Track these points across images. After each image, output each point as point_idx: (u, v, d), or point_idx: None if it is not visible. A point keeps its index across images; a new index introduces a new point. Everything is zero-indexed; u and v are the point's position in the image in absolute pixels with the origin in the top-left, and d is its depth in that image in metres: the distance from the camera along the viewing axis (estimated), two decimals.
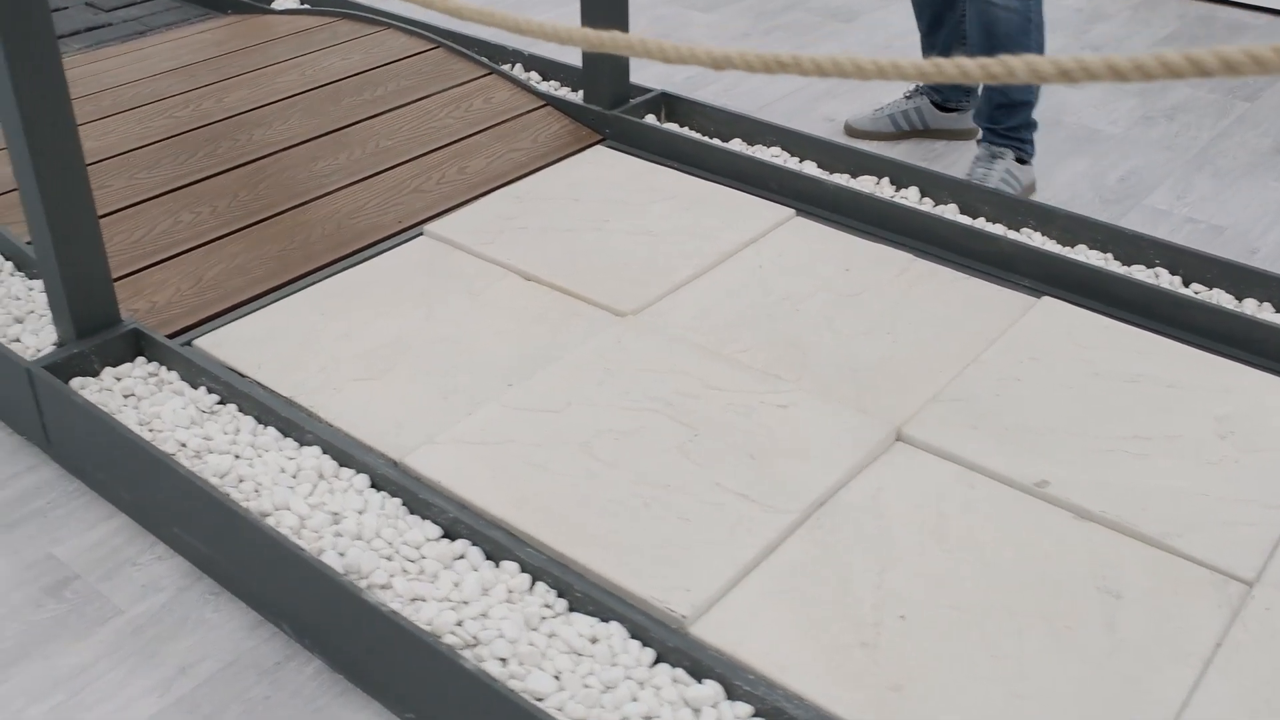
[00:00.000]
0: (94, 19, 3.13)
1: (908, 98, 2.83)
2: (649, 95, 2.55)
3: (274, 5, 3.16)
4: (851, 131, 2.82)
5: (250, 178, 2.23)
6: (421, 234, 2.16)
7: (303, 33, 2.82)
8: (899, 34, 3.39)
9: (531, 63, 2.76)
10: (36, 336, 1.85)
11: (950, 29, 2.70)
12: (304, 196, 2.20)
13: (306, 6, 3.16)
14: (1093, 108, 2.97)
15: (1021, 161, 2.53)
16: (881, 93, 3.04)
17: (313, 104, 2.47)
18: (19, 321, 1.88)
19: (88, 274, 1.76)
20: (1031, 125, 2.54)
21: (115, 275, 1.90)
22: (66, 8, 3.20)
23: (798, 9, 3.59)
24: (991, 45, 2.40)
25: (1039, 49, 2.43)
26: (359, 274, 2.04)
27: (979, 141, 2.58)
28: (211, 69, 2.63)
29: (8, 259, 2.03)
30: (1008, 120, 2.51)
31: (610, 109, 2.50)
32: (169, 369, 1.81)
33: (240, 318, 1.93)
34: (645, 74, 2.80)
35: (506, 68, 2.75)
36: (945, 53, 2.71)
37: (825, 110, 2.96)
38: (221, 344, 1.88)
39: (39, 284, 1.96)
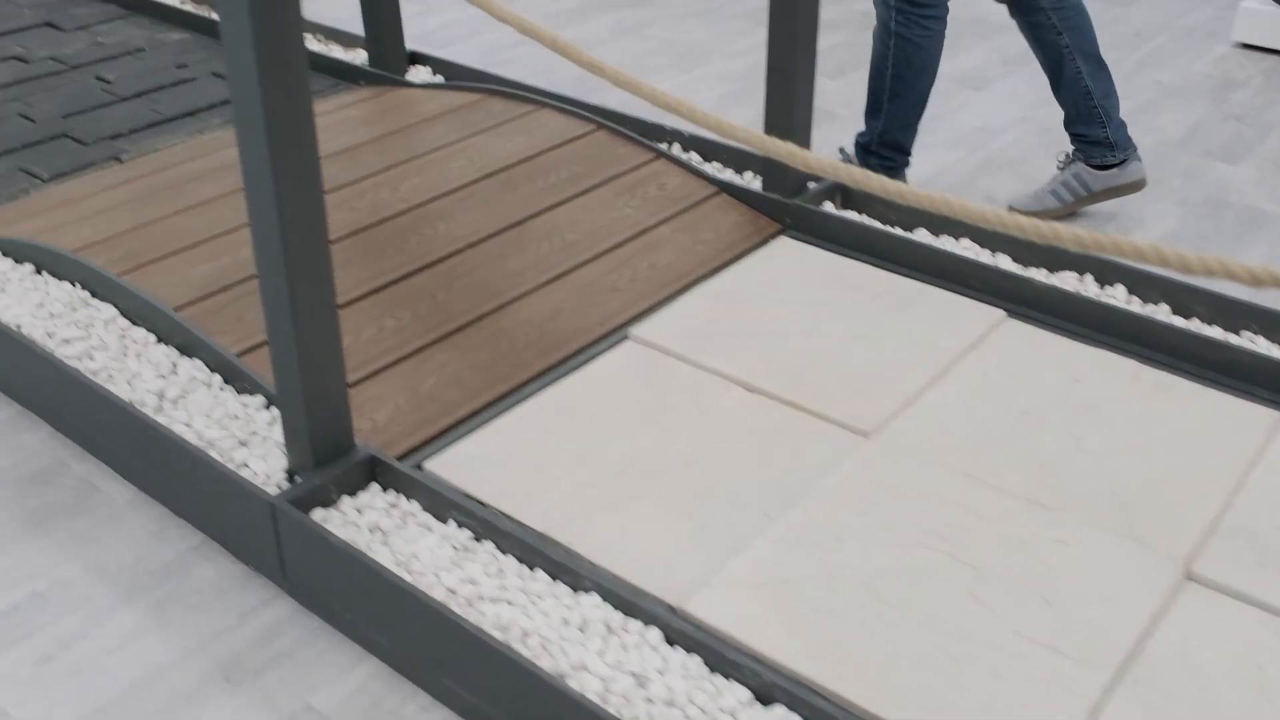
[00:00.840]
0: (227, 91, 3.05)
1: (1062, 167, 2.78)
2: (825, 182, 2.49)
3: (407, 76, 3.09)
4: (1020, 214, 2.75)
5: (444, 277, 2.16)
6: (626, 338, 2.09)
7: (457, 112, 2.75)
8: (1033, 104, 3.34)
9: (691, 143, 2.70)
10: (265, 462, 1.76)
11: (1068, 85, 2.68)
12: (501, 297, 2.13)
13: (440, 80, 3.09)
14: (1252, 185, 2.91)
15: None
16: (1036, 169, 2.98)
17: (489, 194, 2.40)
18: (243, 445, 1.80)
19: (328, 395, 1.68)
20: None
21: None
22: (195, 79, 3.13)
23: None
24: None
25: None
26: (574, 385, 1.97)
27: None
28: (375, 153, 2.55)
29: (214, 370, 1.95)
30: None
31: (790, 197, 2.43)
32: (409, 498, 1.73)
33: (464, 436, 1.85)
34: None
35: (664, 146, 2.68)
36: (1072, 110, 2.70)
37: (983, 186, 2.90)
38: (453, 467, 1.80)
39: (253, 400, 1.88)
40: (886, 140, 2.72)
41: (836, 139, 3.09)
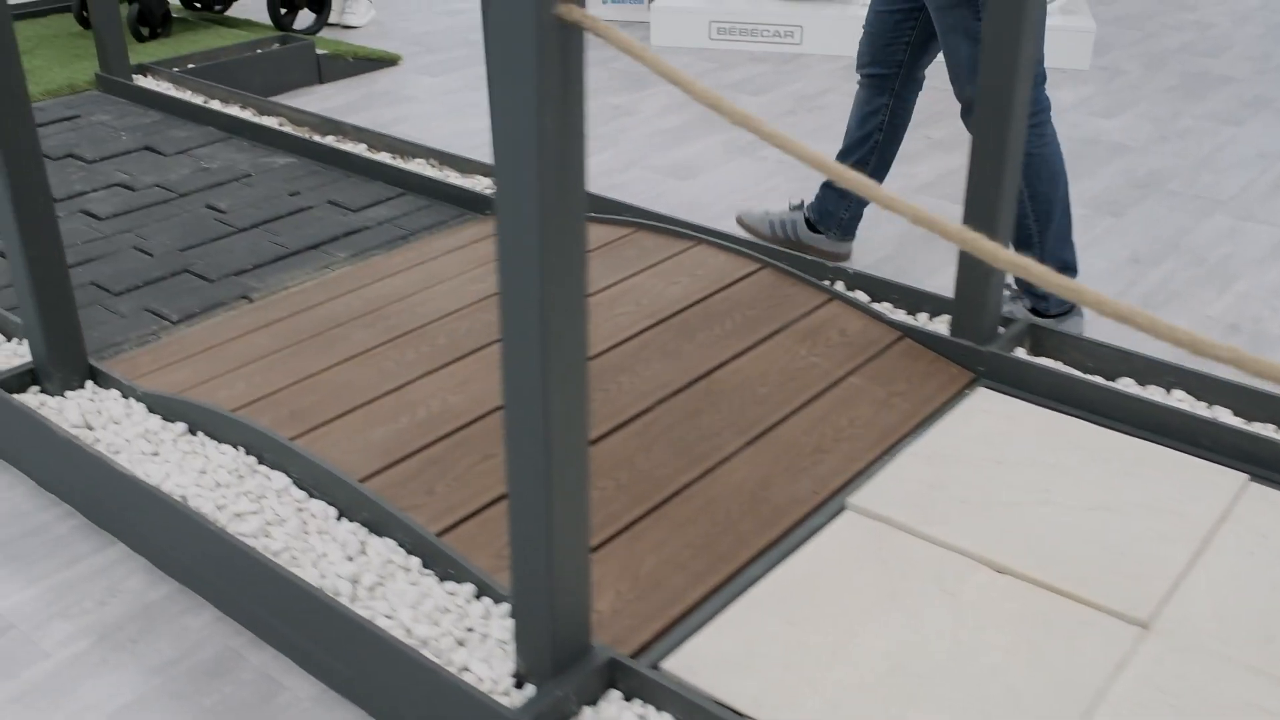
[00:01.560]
0: (347, 221, 2.91)
1: (792, 209, 2.98)
2: (1017, 326, 2.34)
3: None
4: (740, 222, 3.06)
5: (640, 439, 1.98)
6: (844, 507, 1.91)
7: (608, 248, 2.60)
8: (1179, 230, 3.19)
9: (857, 281, 2.55)
10: (488, 666, 1.57)
11: (857, 162, 2.81)
12: (705, 461, 1.95)
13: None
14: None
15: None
16: (1201, 302, 2.81)
17: (665, 342, 2.24)
18: (460, 644, 1.61)
19: (574, 586, 1.50)
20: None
21: None
22: (311, 207, 2.99)
23: None
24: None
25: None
26: (800, 565, 1.79)
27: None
28: None
29: (411, 553, 1.76)
30: (1055, 308, 2.62)
31: (984, 344, 2.27)
32: (659, 709, 1.53)
33: (697, 628, 1.66)
34: None
35: (827, 283, 2.54)
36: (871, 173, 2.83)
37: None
38: (694, 668, 1.61)
39: (461, 589, 1.69)
40: (1052, 267, 2.57)
41: None
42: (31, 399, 2.17)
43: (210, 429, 2.02)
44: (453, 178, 3.15)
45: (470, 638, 1.62)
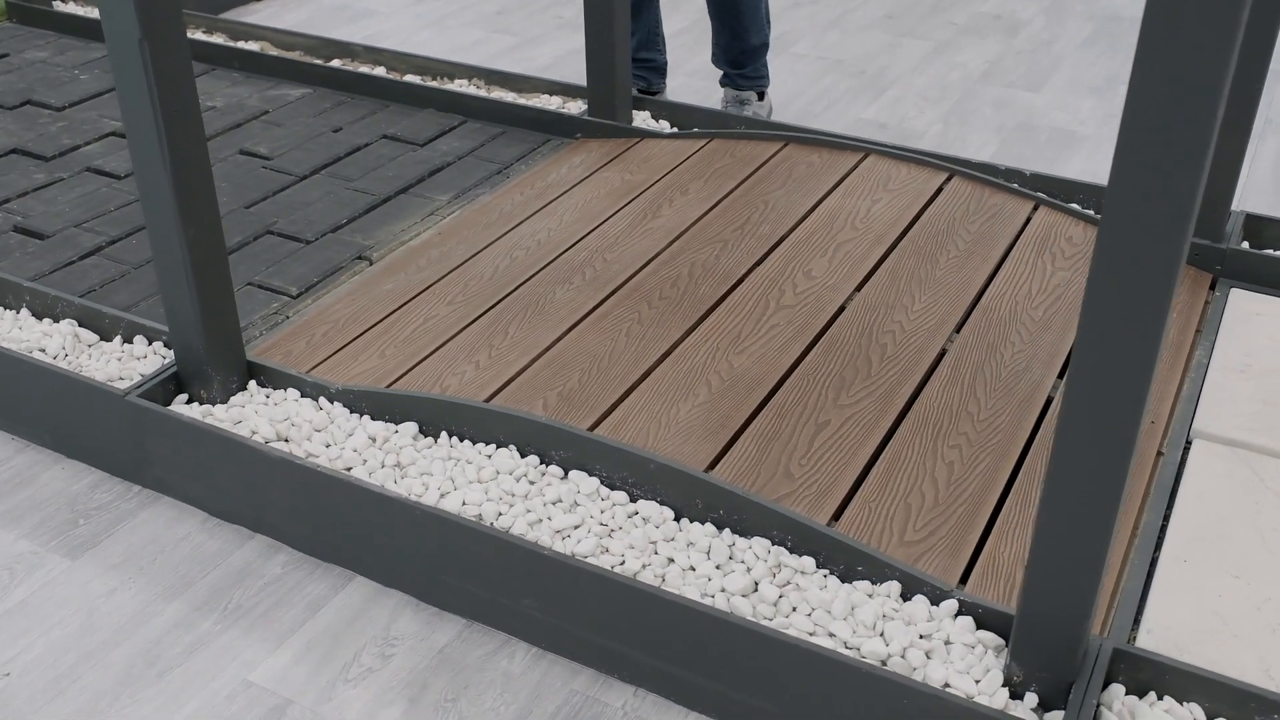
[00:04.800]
0: (421, 157, 2.49)
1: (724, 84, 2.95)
2: (1235, 218, 2.19)
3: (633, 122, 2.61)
4: None
5: (955, 386, 1.74)
6: (1189, 441, 1.73)
7: (771, 166, 2.30)
8: None
9: (1035, 183, 2.34)
10: (969, 677, 1.33)
11: (652, 16, 2.90)
12: (1032, 405, 1.73)
13: (667, 127, 2.62)
14: (1056, 109, 2.92)
15: (761, 97, 2.90)
16: None
17: (912, 270, 1.98)
18: (928, 656, 1.35)
19: (1086, 590, 1.26)
20: (765, 62, 2.88)
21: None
22: (368, 144, 2.55)
23: None
24: (735, 3, 2.74)
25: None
26: (1190, 509, 1.60)
27: (724, 86, 2.89)
28: (730, 226, 2.09)
29: (797, 552, 1.47)
30: (751, 63, 2.83)
31: (1218, 241, 2.12)
32: (1182, 700, 1.33)
33: (1139, 597, 1.46)
34: None
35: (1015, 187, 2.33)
36: (648, 38, 2.91)
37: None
38: (1177, 643, 1.40)
39: (882, 589, 1.43)
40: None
41: None
42: (190, 410, 1.75)
43: (456, 426, 1.66)
44: (510, 98, 2.77)
45: (932, 646, 1.37)
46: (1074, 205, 2.30)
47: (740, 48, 2.80)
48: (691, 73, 3.25)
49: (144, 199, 1.64)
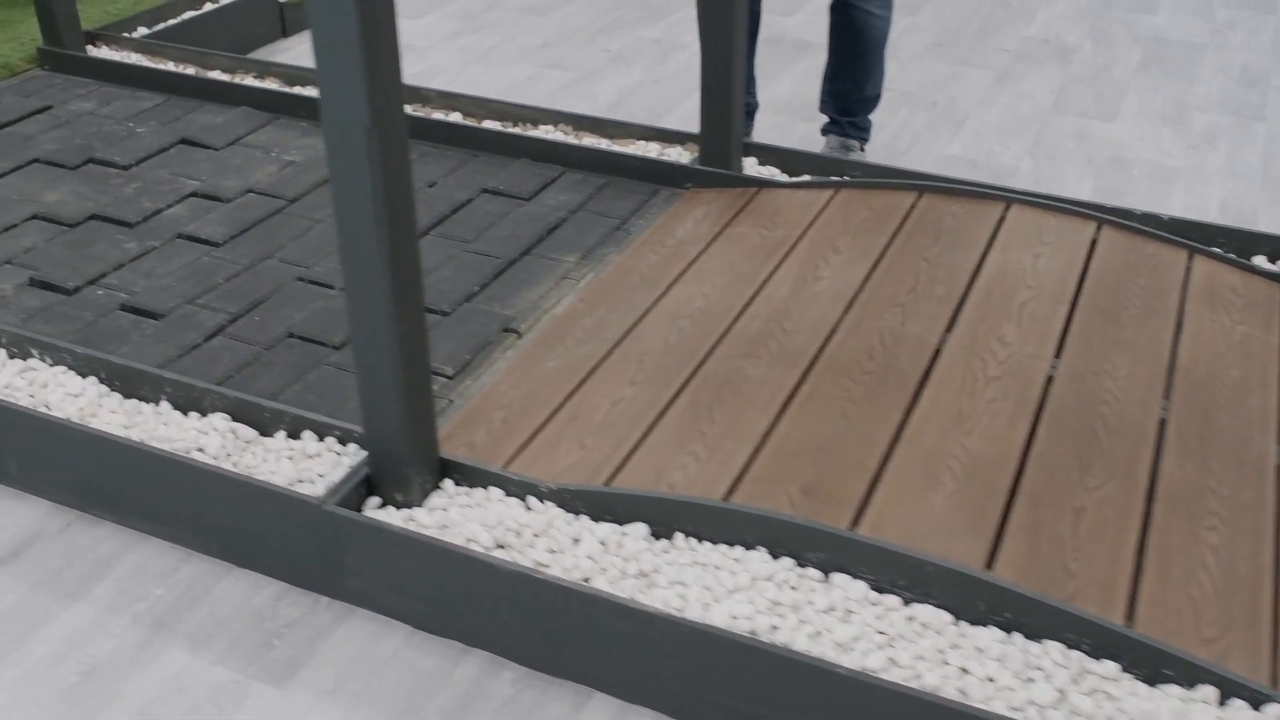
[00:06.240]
0: (531, 213, 2.37)
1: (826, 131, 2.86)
2: None
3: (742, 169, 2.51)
4: None
5: (1179, 451, 1.68)
6: None
7: (917, 219, 2.23)
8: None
9: (1174, 226, 2.30)
10: None
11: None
12: (1264, 471, 1.68)
13: (775, 173, 2.54)
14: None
15: (863, 148, 2.82)
16: None
17: (1100, 332, 1.92)
18: None
19: None
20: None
21: None
22: (470, 200, 2.42)
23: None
24: (861, 51, 2.63)
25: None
26: None
27: (828, 133, 2.79)
28: (883, 295, 2.01)
29: (1097, 655, 1.40)
30: (863, 113, 2.75)
31: None
32: None
33: None
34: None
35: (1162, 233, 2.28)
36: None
37: None
38: None
39: (1199, 693, 1.36)
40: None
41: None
42: (390, 516, 1.62)
43: (694, 527, 1.56)
44: (605, 145, 2.66)
45: None
46: (1215, 249, 2.27)
47: (857, 96, 2.71)
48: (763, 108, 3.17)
49: (351, 292, 1.52)
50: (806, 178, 2.51)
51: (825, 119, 2.82)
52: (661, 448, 1.69)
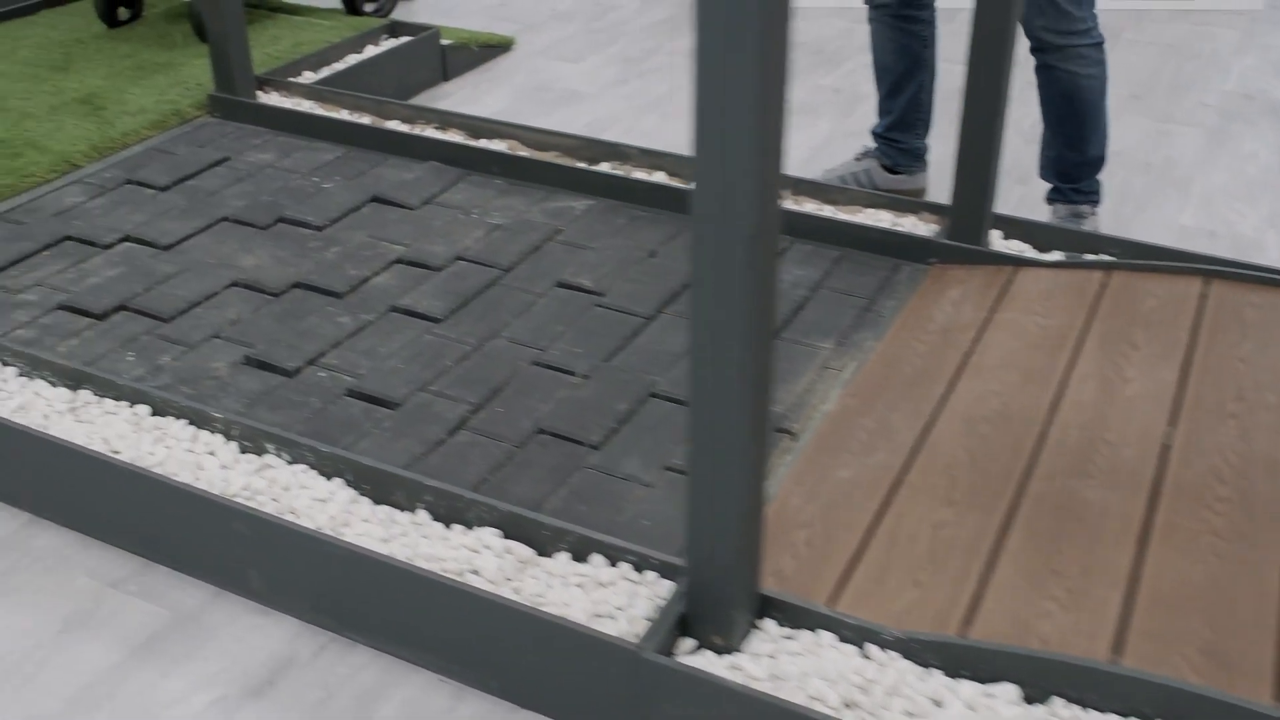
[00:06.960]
0: (781, 290, 2.18)
1: (857, 159, 2.81)
2: None
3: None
4: None
5: None
6: None
7: (1209, 311, 2.02)
8: None
9: None
10: None
11: (910, 97, 2.68)
12: None
13: (1025, 248, 2.33)
14: None
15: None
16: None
17: None
18: None
19: None
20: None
21: None
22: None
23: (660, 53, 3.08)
24: (1074, 112, 2.43)
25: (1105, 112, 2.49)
26: None
27: (1054, 201, 2.57)
28: (1208, 404, 1.80)
29: None
30: (1087, 177, 2.53)
31: None
32: None
33: None
34: None
35: None
36: (903, 119, 2.71)
37: None
38: None
39: None
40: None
41: None
42: (713, 664, 1.42)
43: (1076, 691, 1.35)
44: (829, 212, 2.46)
45: None
46: None
47: (1076, 159, 2.50)
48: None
49: (699, 407, 1.32)
50: (1058, 254, 2.30)
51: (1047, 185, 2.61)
52: (1012, 588, 1.48)
